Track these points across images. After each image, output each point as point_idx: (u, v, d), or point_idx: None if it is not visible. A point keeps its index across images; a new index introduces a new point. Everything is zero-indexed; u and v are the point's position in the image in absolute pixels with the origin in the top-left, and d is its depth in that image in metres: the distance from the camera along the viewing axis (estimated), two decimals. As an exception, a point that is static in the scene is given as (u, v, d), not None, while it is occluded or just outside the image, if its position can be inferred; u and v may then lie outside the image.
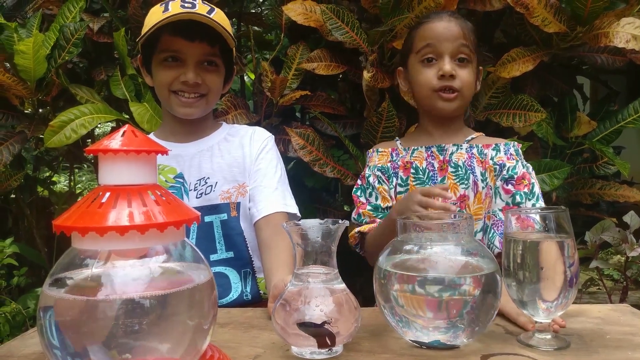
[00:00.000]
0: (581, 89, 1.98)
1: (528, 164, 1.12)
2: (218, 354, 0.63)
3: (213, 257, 1.14)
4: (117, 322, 0.50)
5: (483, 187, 1.11)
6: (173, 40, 1.09)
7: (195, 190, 1.15)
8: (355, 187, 1.22)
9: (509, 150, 1.12)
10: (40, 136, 1.69)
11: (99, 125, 1.74)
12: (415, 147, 1.18)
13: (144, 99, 1.64)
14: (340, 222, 0.69)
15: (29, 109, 1.87)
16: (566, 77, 1.75)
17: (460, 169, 1.12)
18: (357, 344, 0.73)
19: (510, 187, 1.08)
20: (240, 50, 1.87)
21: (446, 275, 0.68)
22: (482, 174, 1.12)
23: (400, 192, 1.16)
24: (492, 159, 1.12)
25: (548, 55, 1.55)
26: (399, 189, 1.17)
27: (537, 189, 1.09)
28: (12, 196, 2.21)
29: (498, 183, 1.10)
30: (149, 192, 0.55)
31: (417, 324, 0.69)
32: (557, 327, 0.75)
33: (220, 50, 1.13)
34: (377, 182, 1.17)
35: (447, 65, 1.08)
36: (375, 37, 1.48)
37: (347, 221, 0.70)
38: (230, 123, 1.40)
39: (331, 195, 1.86)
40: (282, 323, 0.68)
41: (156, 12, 1.09)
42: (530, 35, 1.57)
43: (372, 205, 1.17)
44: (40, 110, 1.83)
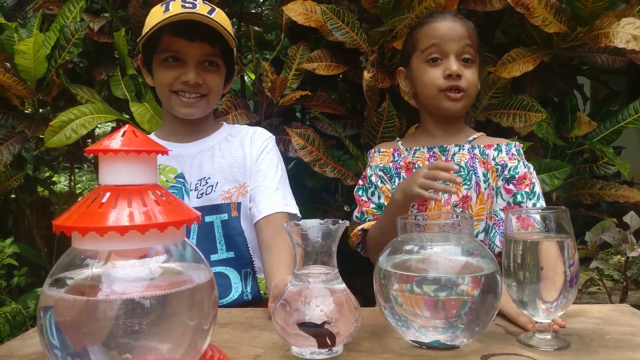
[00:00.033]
0: (581, 89, 1.98)
1: (529, 164, 1.12)
2: (218, 354, 0.63)
3: (213, 257, 1.14)
4: (117, 322, 0.50)
5: (485, 188, 1.11)
6: (174, 41, 1.09)
7: (196, 190, 1.15)
8: (357, 187, 1.21)
9: (510, 151, 1.12)
10: (41, 136, 1.69)
11: (99, 125, 1.74)
12: (417, 148, 1.17)
13: (144, 99, 1.64)
14: (340, 222, 0.69)
15: (29, 109, 1.87)
16: (566, 78, 1.75)
17: (462, 169, 1.12)
18: (357, 344, 0.73)
19: (511, 186, 1.08)
20: (240, 51, 1.87)
21: (446, 275, 0.68)
22: (485, 175, 1.11)
23: None
24: (494, 159, 1.12)
25: (548, 55, 1.55)
26: None
27: (537, 188, 1.09)
28: (12, 196, 2.21)
29: (499, 183, 1.10)
30: (149, 192, 0.55)
31: (417, 324, 0.69)
32: (557, 327, 0.75)
33: (221, 50, 1.13)
34: (379, 182, 1.17)
35: (454, 65, 1.08)
36: (375, 37, 1.48)
37: (347, 221, 0.70)
38: (230, 123, 1.40)
39: (331, 196, 1.86)
40: (282, 323, 0.68)
41: (157, 12, 1.09)
42: (531, 35, 1.57)
43: (375, 203, 1.17)
44: (41, 110, 1.83)
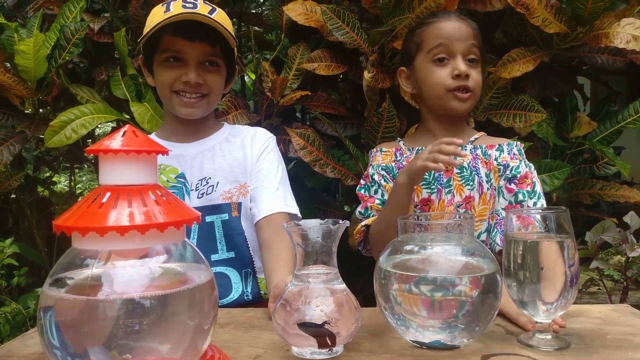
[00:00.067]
0: (581, 89, 1.98)
1: (530, 164, 1.13)
2: (218, 354, 0.63)
3: (214, 257, 1.14)
4: (118, 322, 0.50)
5: (488, 188, 1.11)
6: (174, 41, 1.09)
7: (197, 190, 1.15)
8: (359, 186, 1.21)
9: (512, 150, 1.12)
10: (41, 136, 1.69)
11: (99, 126, 1.74)
12: (420, 148, 1.17)
13: (144, 99, 1.64)
14: (340, 222, 0.69)
15: (30, 109, 1.87)
16: (567, 78, 1.75)
17: (465, 170, 1.12)
18: (357, 344, 0.73)
19: (513, 186, 1.08)
20: (240, 51, 1.87)
21: (447, 275, 0.68)
22: (487, 175, 1.12)
23: None
24: (496, 159, 1.12)
25: (548, 55, 1.55)
26: None
27: (538, 187, 1.09)
28: (13, 196, 2.21)
29: (501, 182, 1.10)
30: (150, 192, 0.55)
31: (417, 324, 0.69)
32: (557, 327, 0.75)
33: (222, 51, 1.13)
34: (382, 181, 1.17)
35: (462, 65, 1.08)
36: (375, 38, 1.48)
37: (347, 221, 0.70)
38: (230, 123, 1.40)
39: (331, 196, 1.86)
40: (282, 323, 0.68)
41: (158, 12, 1.09)
42: (531, 35, 1.57)
43: (379, 199, 1.16)
44: (41, 110, 1.83)
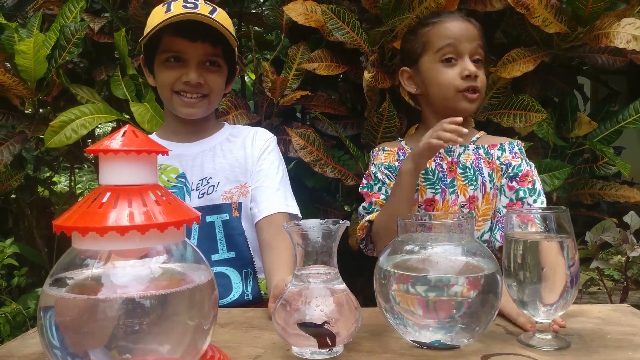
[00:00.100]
0: (582, 89, 1.98)
1: (531, 162, 1.13)
2: (218, 354, 0.63)
3: (214, 257, 1.14)
4: (118, 322, 0.50)
5: (491, 188, 1.11)
6: (175, 41, 1.09)
7: (197, 190, 1.15)
8: (362, 185, 1.20)
9: (513, 149, 1.13)
10: (41, 136, 1.69)
11: (99, 126, 1.74)
12: None
13: (144, 99, 1.64)
14: (340, 222, 0.69)
15: (30, 109, 1.87)
16: (567, 78, 1.75)
17: (468, 170, 1.12)
18: (357, 344, 0.73)
19: (514, 184, 1.09)
20: (240, 51, 1.87)
21: (447, 275, 0.68)
22: (490, 175, 1.12)
23: None
24: (498, 159, 1.12)
25: (549, 55, 1.55)
26: None
27: (538, 186, 1.09)
28: (13, 196, 2.21)
29: (503, 181, 1.11)
30: (150, 192, 0.55)
31: (417, 324, 0.69)
32: (557, 327, 0.75)
33: (223, 51, 1.13)
34: (386, 179, 1.16)
35: (471, 65, 1.08)
36: (376, 38, 1.48)
37: (347, 221, 0.70)
38: (230, 123, 1.40)
39: (332, 196, 1.86)
40: (282, 323, 0.68)
41: (158, 12, 1.09)
42: (531, 35, 1.57)
43: (384, 196, 1.15)
44: (41, 110, 1.83)
